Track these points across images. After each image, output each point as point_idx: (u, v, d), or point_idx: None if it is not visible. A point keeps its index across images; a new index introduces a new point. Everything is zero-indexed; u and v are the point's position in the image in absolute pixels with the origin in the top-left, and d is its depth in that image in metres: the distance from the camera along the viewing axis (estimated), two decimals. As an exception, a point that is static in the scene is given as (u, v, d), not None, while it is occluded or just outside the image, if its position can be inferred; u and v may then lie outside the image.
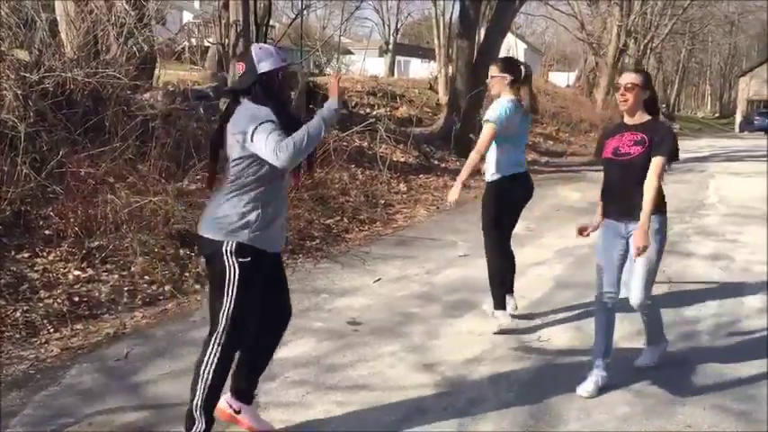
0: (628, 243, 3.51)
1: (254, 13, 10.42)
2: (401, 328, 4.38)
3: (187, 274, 5.23)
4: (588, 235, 3.74)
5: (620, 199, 3.53)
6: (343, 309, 4.78)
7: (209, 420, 2.80)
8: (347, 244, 6.72)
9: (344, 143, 10.03)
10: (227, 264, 2.74)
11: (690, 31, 40.88)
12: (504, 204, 4.39)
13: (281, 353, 3.89)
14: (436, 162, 12.13)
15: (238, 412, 3.00)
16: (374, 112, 13.24)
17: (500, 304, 4.35)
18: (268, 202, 2.79)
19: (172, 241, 5.49)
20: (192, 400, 2.77)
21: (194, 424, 2.77)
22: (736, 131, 41.48)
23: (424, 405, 3.32)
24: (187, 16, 29.12)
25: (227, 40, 10.41)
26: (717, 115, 62.37)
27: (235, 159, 2.73)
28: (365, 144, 10.88)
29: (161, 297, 4.86)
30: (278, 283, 3.01)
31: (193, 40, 15.86)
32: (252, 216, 2.75)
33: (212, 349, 2.79)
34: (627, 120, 3.56)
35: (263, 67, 2.78)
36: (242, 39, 9.80)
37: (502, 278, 4.42)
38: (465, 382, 3.57)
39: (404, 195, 9.31)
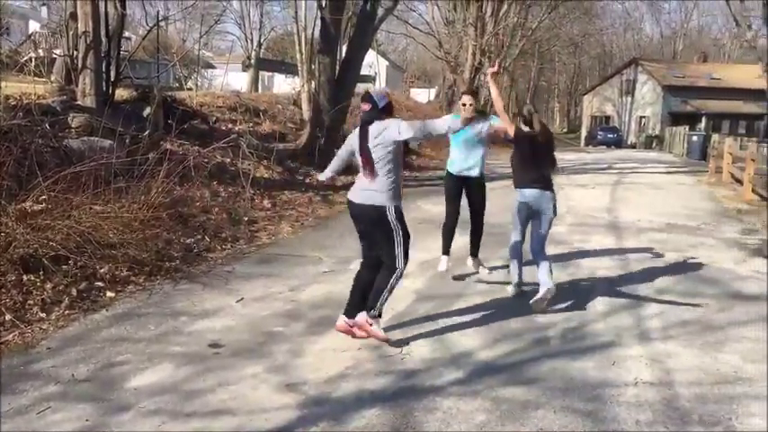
0: None
1: (105, 24, 9.93)
2: (264, 349, 4.30)
3: (31, 302, 4.86)
4: None
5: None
6: (204, 331, 4.63)
7: (380, 314, 4.43)
8: (209, 263, 6.52)
9: (205, 159, 9.77)
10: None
11: (538, 52, 43.49)
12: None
13: (135, 381, 3.72)
14: (300, 178, 12.08)
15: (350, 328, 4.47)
16: (236, 128, 13.00)
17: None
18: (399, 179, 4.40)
19: (13, 267, 5.10)
20: (376, 302, 4.34)
21: (376, 314, 4.37)
22: (582, 145, 44.48)
23: (288, 426, 3.28)
24: (34, 26, 27.36)
25: (75, 52, 9.87)
26: (565, 130, 66.54)
27: (382, 156, 4.27)
28: (227, 160, 10.66)
29: (0, 328, 4.48)
30: None
31: (40, 51, 14.91)
32: (397, 188, 4.37)
33: (397, 273, 4.35)
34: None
35: (381, 103, 4.37)
36: (92, 51, 9.34)
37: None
38: (329, 400, 3.56)
39: (268, 212, 9.18)
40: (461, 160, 6.19)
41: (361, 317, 4.36)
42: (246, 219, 8.39)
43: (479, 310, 5.20)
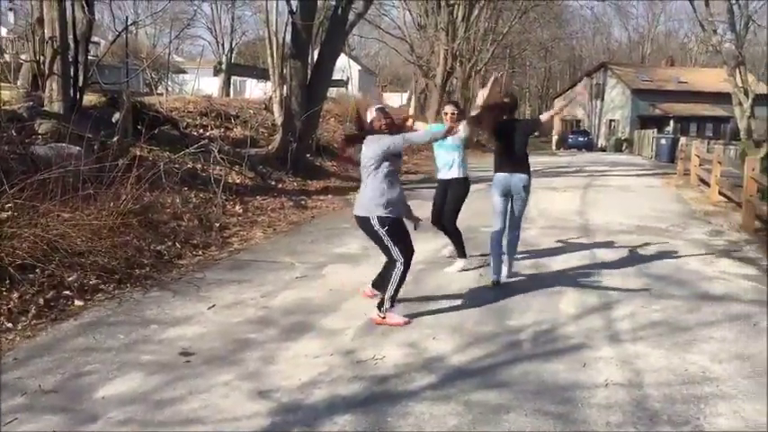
0: None
1: (72, 29, 9.81)
2: (236, 356, 4.26)
3: (-3, 312, 4.77)
4: None
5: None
6: (175, 339, 4.58)
7: (393, 305, 4.96)
8: (180, 270, 6.46)
9: (176, 165, 9.69)
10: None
11: (510, 56, 43.87)
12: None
13: (103, 391, 3.67)
14: (273, 183, 12.04)
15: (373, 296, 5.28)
16: (207, 133, 12.91)
17: (462, 254, 6.66)
18: (389, 191, 4.88)
19: (-22, 277, 5.00)
20: (385, 294, 4.92)
21: (389, 306, 4.92)
22: (554, 149, 44.90)
23: (260, 434, 3.25)
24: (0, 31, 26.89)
25: (42, 57, 9.74)
26: (537, 134, 67.10)
27: (368, 166, 4.87)
28: (198, 166, 10.58)
29: (-35, 339, 4.39)
30: None
31: (7, 57, 14.69)
32: (385, 199, 4.85)
33: (398, 266, 4.88)
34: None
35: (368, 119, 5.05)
36: (59, 56, 9.23)
37: (462, 240, 6.69)
38: (301, 407, 3.54)
39: (240, 218, 9.12)
40: (441, 165, 6.72)
41: (374, 316, 4.96)
42: (218, 225, 8.33)
43: (451, 314, 5.21)
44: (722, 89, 28.96)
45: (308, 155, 14.43)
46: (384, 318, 4.90)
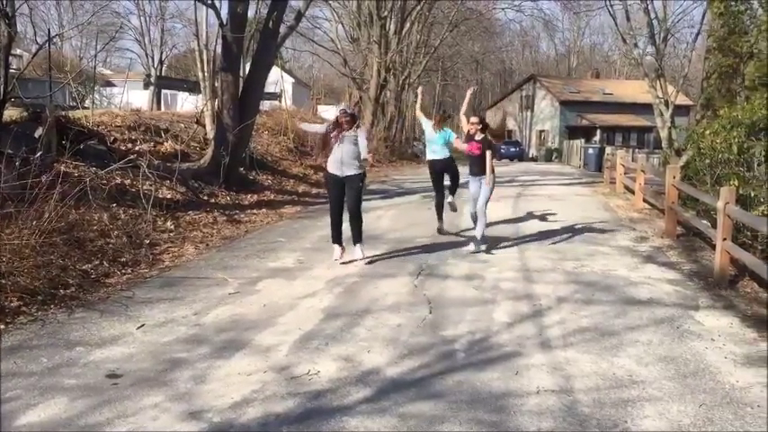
0: (480, 186, 8.32)
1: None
2: (166, 377, 4.15)
3: None
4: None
5: (476, 169, 8.37)
6: (102, 361, 4.43)
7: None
8: (107, 289, 6.25)
9: (103, 181, 9.42)
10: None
11: (442, 68, 44.54)
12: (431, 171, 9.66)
13: (26, 418, 3.52)
14: (205, 197, 11.82)
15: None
16: (136, 148, 12.60)
17: (439, 220, 9.62)
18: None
19: None
20: (357, 237, 7.41)
21: (362, 246, 7.55)
22: (486, 159, 45.65)
23: (191, 456, 3.17)
24: None
25: (-43, 71, 9.31)
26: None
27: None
28: (127, 182, 10.30)
29: None
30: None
31: None
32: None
33: (361, 215, 7.36)
34: (475, 137, 8.31)
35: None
36: (-24, 69, 8.85)
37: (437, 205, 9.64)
38: (233, 426, 3.47)
39: (171, 234, 8.92)
40: (432, 152, 9.44)
41: (360, 260, 7.33)
42: (148, 241, 8.12)
43: (387, 326, 5.22)
44: (645, 100, 30.08)
45: (241, 168, 14.26)
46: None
